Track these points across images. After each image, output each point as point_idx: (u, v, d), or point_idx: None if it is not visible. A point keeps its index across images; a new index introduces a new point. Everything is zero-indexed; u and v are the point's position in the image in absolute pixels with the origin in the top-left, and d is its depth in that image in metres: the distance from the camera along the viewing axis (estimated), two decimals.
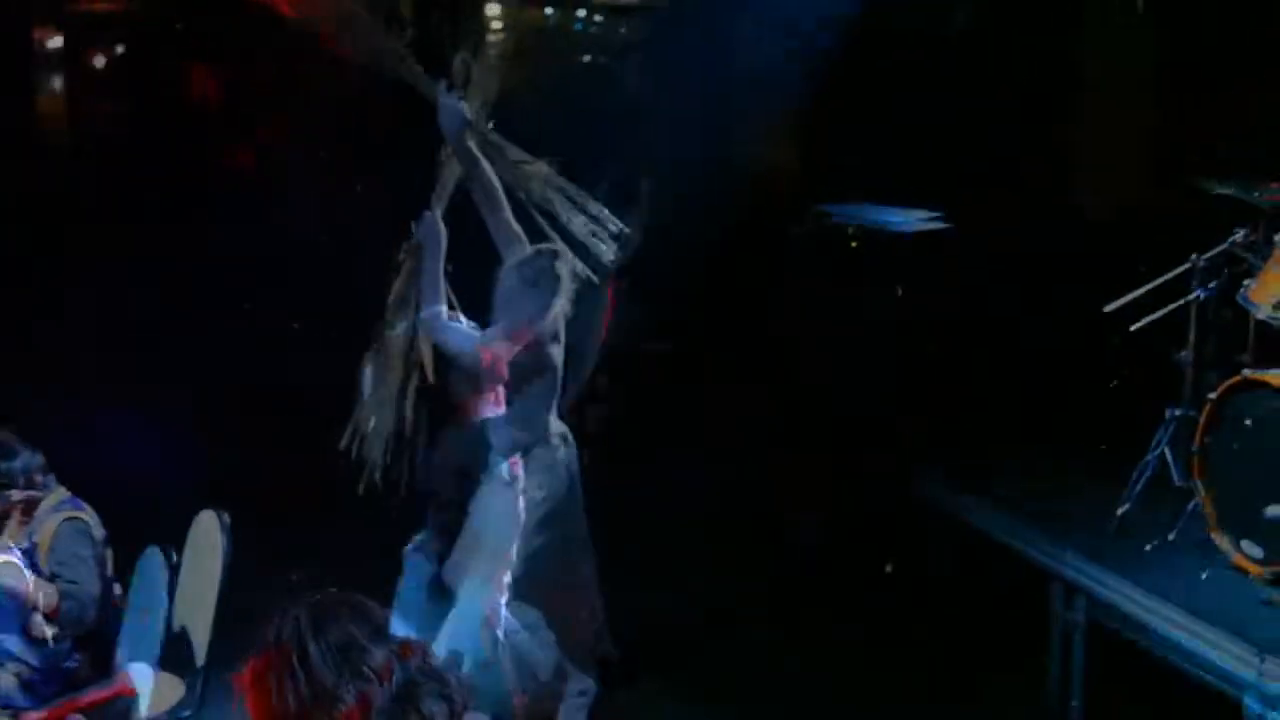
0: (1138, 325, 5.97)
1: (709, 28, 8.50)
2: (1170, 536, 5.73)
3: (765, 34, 8.41)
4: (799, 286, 8.60)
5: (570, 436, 5.42)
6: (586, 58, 9.15)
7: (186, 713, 4.66)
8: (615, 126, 7.70)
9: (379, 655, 2.56)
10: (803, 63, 8.28)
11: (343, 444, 5.26)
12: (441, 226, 5.22)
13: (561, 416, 5.43)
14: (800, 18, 8.23)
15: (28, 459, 4.63)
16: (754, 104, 8.36)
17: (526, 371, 5.22)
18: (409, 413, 5.30)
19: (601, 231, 5.34)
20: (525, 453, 5.27)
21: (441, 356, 5.26)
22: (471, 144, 5.14)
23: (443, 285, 5.20)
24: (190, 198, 8.48)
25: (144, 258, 8.19)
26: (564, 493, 5.39)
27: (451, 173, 5.30)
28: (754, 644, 6.34)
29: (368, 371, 5.33)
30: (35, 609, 4.55)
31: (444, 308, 5.20)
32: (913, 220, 8.40)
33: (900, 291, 8.26)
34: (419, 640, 2.67)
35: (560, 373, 5.30)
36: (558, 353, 5.26)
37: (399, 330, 5.33)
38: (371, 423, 5.31)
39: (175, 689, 4.75)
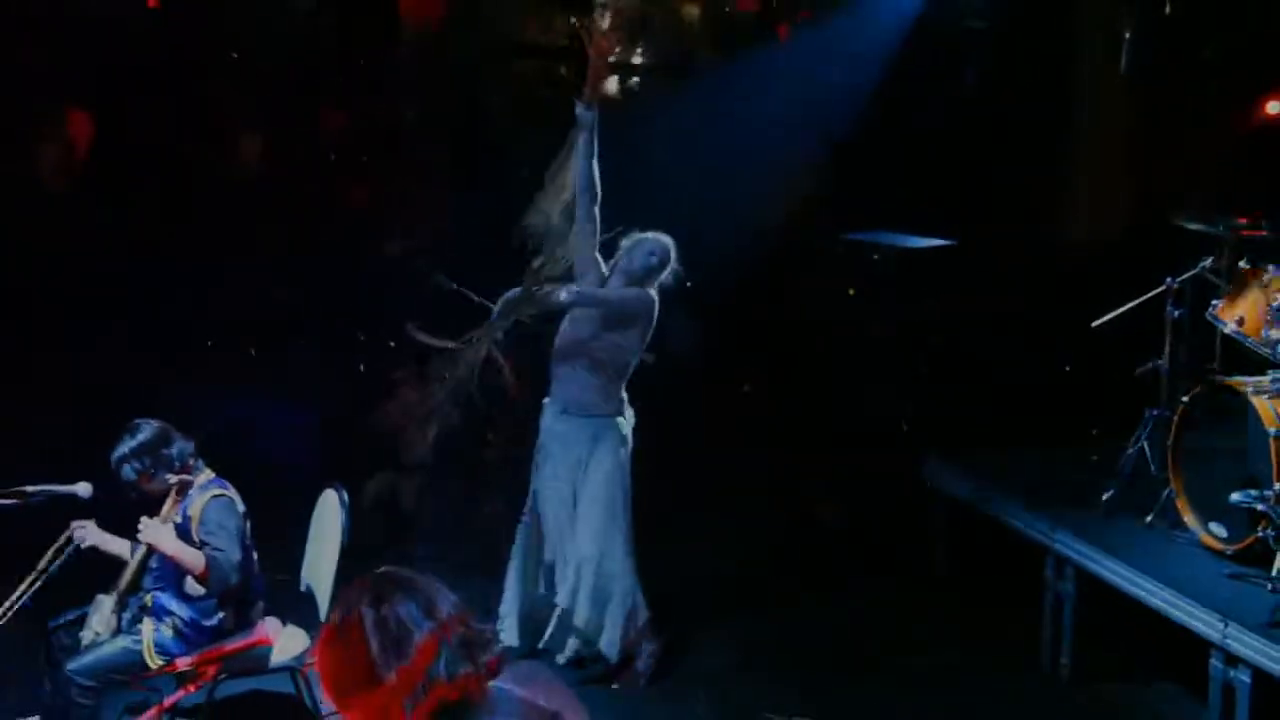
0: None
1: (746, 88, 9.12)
2: (1148, 519, 6.22)
3: (798, 93, 8.99)
4: (827, 298, 9.18)
5: None
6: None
7: (311, 660, 5.08)
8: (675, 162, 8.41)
9: (423, 632, 2.66)
10: (829, 115, 8.90)
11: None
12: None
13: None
14: (825, 79, 8.89)
15: (182, 446, 5.11)
16: (792, 148, 8.92)
17: (617, 340, 5.74)
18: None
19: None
20: (619, 412, 5.83)
21: None
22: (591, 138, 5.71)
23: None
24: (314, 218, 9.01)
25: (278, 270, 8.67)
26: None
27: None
28: (787, 606, 6.80)
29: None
30: (189, 571, 5.02)
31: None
32: (923, 243, 8.99)
33: (912, 303, 8.82)
34: (460, 612, 2.76)
35: (638, 352, 5.81)
36: (648, 333, 5.79)
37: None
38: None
39: (301, 640, 5.25)
